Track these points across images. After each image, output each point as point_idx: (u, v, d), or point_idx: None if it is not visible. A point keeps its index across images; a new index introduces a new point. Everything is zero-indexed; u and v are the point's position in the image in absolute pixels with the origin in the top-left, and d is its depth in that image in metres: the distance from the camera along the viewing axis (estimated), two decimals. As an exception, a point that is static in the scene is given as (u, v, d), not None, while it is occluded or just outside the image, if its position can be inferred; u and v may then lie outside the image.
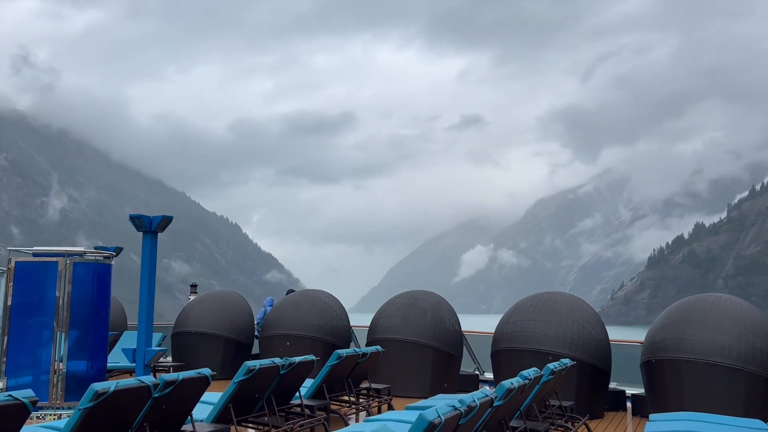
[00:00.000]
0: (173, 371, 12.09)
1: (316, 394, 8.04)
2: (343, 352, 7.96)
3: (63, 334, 8.53)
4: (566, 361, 7.59)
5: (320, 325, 12.19)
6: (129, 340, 12.94)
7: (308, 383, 8.36)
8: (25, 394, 3.76)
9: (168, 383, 5.18)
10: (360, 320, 14.88)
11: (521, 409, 6.21)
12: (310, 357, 7.51)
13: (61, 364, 8.53)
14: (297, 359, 7.18)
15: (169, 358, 13.61)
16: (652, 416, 6.97)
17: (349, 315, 13.01)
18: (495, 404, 5.01)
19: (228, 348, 12.86)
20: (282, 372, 6.98)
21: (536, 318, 9.46)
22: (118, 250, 9.79)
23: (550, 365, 6.86)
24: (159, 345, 13.02)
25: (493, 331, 10.30)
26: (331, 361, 8.02)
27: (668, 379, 8.17)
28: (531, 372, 6.12)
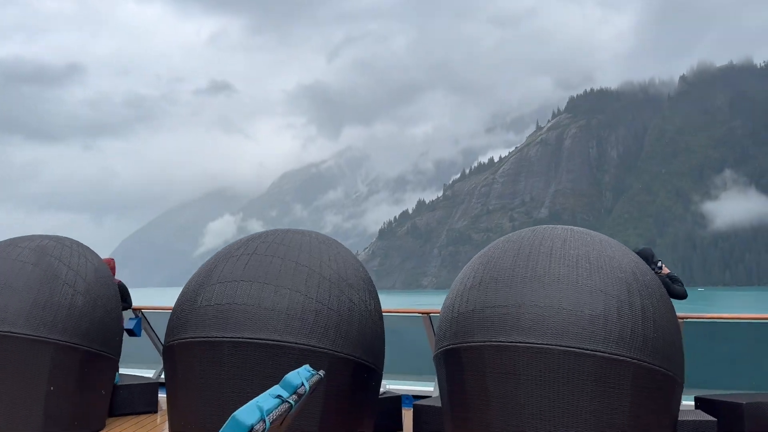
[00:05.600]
0: None
1: None
2: None
3: None
4: (306, 371, 3.14)
5: None
6: None
7: None
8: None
9: None
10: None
11: None
12: None
13: None
14: None
15: None
16: None
17: None
18: None
19: None
20: None
21: (253, 277, 4.87)
22: None
23: (292, 378, 2.44)
24: None
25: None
26: None
27: (489, 380, 4.27)
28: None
